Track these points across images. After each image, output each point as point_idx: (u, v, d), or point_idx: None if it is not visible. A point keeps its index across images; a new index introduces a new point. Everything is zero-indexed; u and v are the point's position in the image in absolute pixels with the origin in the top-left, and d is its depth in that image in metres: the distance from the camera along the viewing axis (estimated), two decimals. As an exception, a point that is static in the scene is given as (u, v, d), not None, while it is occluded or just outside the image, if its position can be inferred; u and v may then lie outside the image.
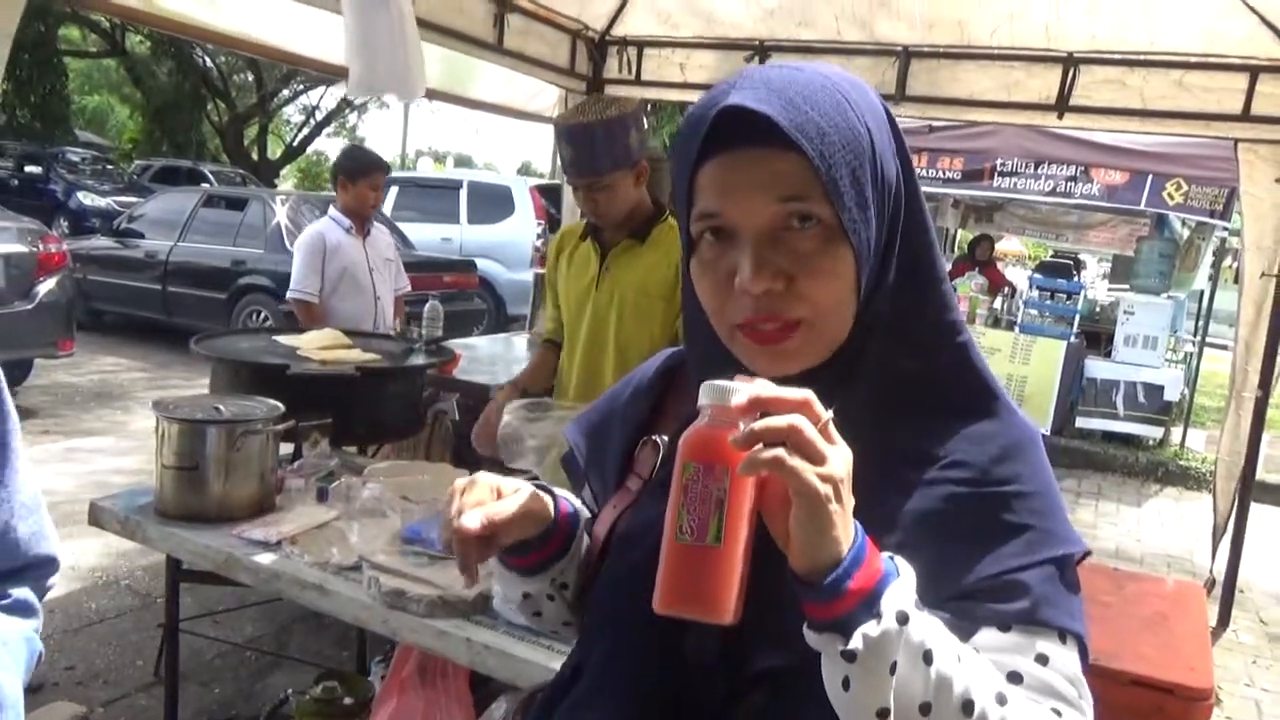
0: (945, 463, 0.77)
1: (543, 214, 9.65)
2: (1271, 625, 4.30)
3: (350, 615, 1.75)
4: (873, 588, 0.64)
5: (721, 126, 0.73)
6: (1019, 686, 0.70)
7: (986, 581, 0.73)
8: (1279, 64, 3.56)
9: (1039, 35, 3.86)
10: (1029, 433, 0.80)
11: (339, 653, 3.23)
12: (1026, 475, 0.77)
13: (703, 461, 0.67)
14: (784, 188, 0.73)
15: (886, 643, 0.63)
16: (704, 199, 0.76)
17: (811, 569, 0.64)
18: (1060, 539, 0.75)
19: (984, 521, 0.74)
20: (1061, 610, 0.73)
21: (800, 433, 0.63)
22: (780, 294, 0.74)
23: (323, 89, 21.42)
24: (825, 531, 0.63)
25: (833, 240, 0.74)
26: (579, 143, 2.26)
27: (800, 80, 0.74)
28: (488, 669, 1.59)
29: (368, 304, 3.90)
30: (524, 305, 9.75)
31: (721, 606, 0.67)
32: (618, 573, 0.86)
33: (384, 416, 2.71)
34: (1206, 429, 7.91)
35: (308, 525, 1.97)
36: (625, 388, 0.99)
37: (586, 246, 2.50)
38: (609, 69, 4.71)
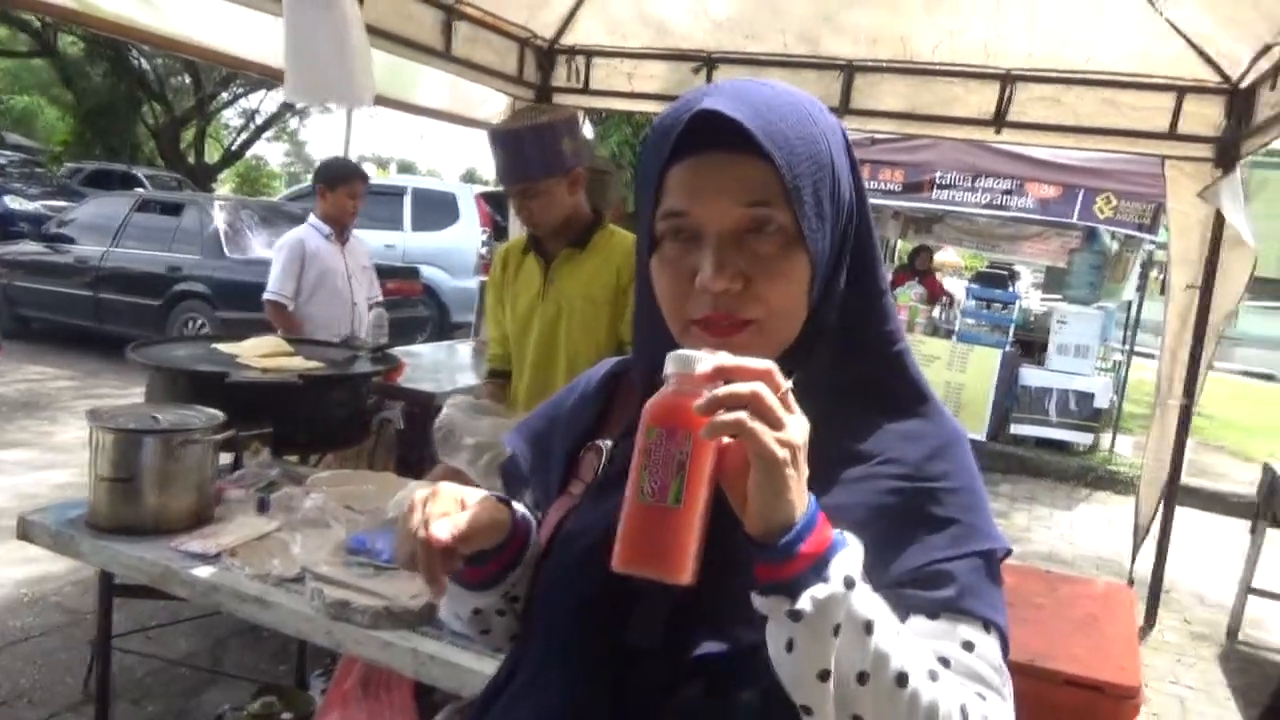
0: (879, 460, 0.81)
1: (488, 221, 9.60)
2: (1195, 624, 4.45)
3: (292, 628, 1.72)
4: (823, 552, 0.67)
5: (694, 130, 0.77)
6: (946, 669, 0.73)
7: (916, 571, 0.77)
8: (1204, 85, 3.71)
9: (978, 52, 3.97)
10: (956, 433, 0.85)
11: (276, 667, 3.16)
12: (954, 473, 0.82)
13: (666, 426, 0.69)
14: (750, 193, 0.77)
15: (832, 605, 0.66)
16: (671, 198, 0.80)
17: (766, 531, 0.67)
18: (985, 534, 0.80)
19: (914, 515, 0.79)
20: (984, 601, 0.77)
21: (761, 399, 0.66)
22: (737, 294, 0.78)
23: (263, 92, 20.99)
24: (781, 494, 0.66)
25: (791, 246, 0.78)
26: (510, 149, 2.27)
27: (769, 94, 0.79)
28: (433, 679, 1.58)
29: (345, 310, 3.93)
30: (468, 313, 9.67)
31: (679, 566, 0.69)
32: (556, 571, 0.87)
33: (327, 425, 2.66)
34: (1134, 435, 8.16)
35: (248, 536, 1.93)
36: (570, 394, 1.00)
37: (530, 260, 2.50)
38: (557, 77, 4.72)
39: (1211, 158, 3.76)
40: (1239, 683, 3.84)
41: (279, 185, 29.26)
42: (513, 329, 2.54)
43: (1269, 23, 2.97)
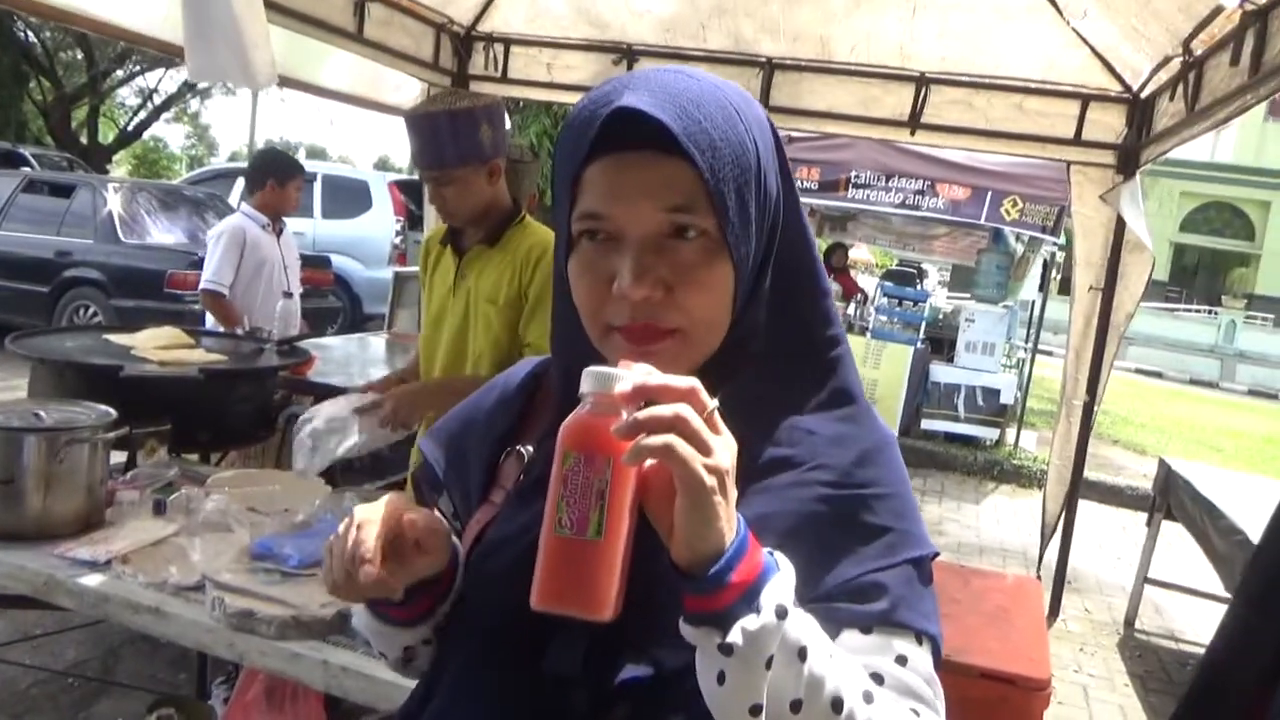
0: (808, 466, 0.78)
1: (402, 210, 9.39)
2: (1096, 613, 4.62)
3: (191, 640, 1.62)
4: (754, 581, 0.64)
5: (612, 126, 0.71)
6: (880, 687, 0.71)
7: (848, 583, 0.74)
8: (1107, 94, 3.84)
9: (894, 54, 4.02)
10: (886, 436, 0.83)
11: (175, 675, 3.01)
12: (884, 478, 0.79)
13: (583, 451, 0.65)
14: (671, 197, 0.72)
15: (765, 637, 0.63)
16: (588, 199, 0.75)
17: (694, 560, 0.63)
18: (916, 540, 0.78)
19: (844, 524, 0.76)
20: (918, 612, 0.75)
21: (686, 422, 0.62)
22: (659, 302, 0.74)
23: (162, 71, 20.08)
24: (710, 523, 0.62)
25: (714, 253, 0.74)
26: (425, 133, 2.18)
27: (694, 89, 0.73)
28: (345, 692, 1.50)
29: (281, 301, 3.84)
30: (381, 304, 9.41)
31: (601, 602, 0.65)
32: (476, 587, 0.82)
33: (230, 422, 2.53)
34: (1037, 430, 8.47)
35: (142, 542, 1.81)
36: (486, 396, 0.95)
37: (446, 253, 2.41)
38: (475, 65, 4.61)
39: (1114, 164, 3.90)
40: (1137, 669, 4.00)
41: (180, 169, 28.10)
42: (426, 324, 2.45)
43: (1170, 36, 3.07)
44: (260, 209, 4.01)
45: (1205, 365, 19.73)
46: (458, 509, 0.91)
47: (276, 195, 3.99)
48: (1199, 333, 20.53)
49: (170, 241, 7.75)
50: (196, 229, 7.96)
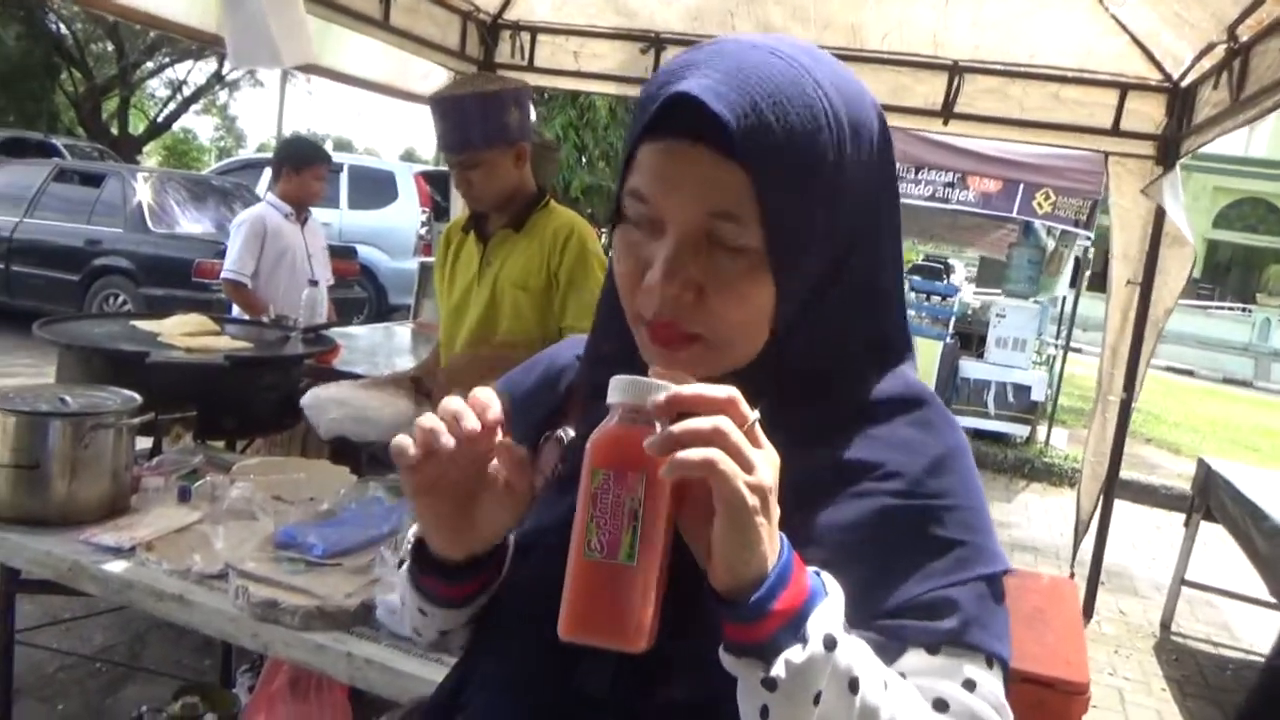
0: (877, 474, 0.72)
1: (428, 201, 9.38)
2: (1130, 615, 4.53)
3: (215, 629, 1.60)
4: (799, 608, 0.59)
5: (671, 108, 0.66)
6: (944, 714, 0.67)
7: (916, 600, 0.68)
8: (1147, 82, 3.74)
9: (927, 43, 3.95)
10: (959, 442, 0.77)
11: (200, 662, 3.01)
12: (956, 488, 0.73)
13: (614, 468, 0.60)
14: (717, 201, 0.66)
15: (812, 670, 0.58)
16: (637, 178, 0.70)
17: (734, 586, 0.59)
18: (989, 556, 0.72)
19: (913, 536, 0.70)
20: (990, 633, 0.70)
21: (726, 436, 0.57)
22: (687, 304, 0.68)
23: (190, 62, 20.20)
24: (752, 546, 0.58)
25: (755, 266, 0.68)
26: (451, 116, 2.16)
27: (778, 76, 0.65)
28: (369, 685, 1.47)
29: (305, 289, 3.85)
30: (406, 295, 9.43)
31: (634, 631, 0.60)
32: (512, 583, 0.78)
33: (256, 409, 2.52)
34: (1068, 428, 8.35)
35: (166, 529, 1.80)
36: (527, 375, 0.90)
37: (469, 240, 2.38)
38: (501, 53, 4.58)
39: (1153, 155, 3.81)
40: (1174, 674, 3.92)
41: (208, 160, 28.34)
42: (447, 312, 2.43)
43: (1215, 22, 2.98)
44: (283, 198, 4.02)
45: (1239, 364, 19.41)
46: None
47: (294, 183, 3.99)
48: (1232, 330, 20.21)
49: (198, 231, 7.79)
50: (224, 219, 8.00)
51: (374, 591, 1.57)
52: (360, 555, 1.69)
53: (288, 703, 1.92)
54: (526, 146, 2.24)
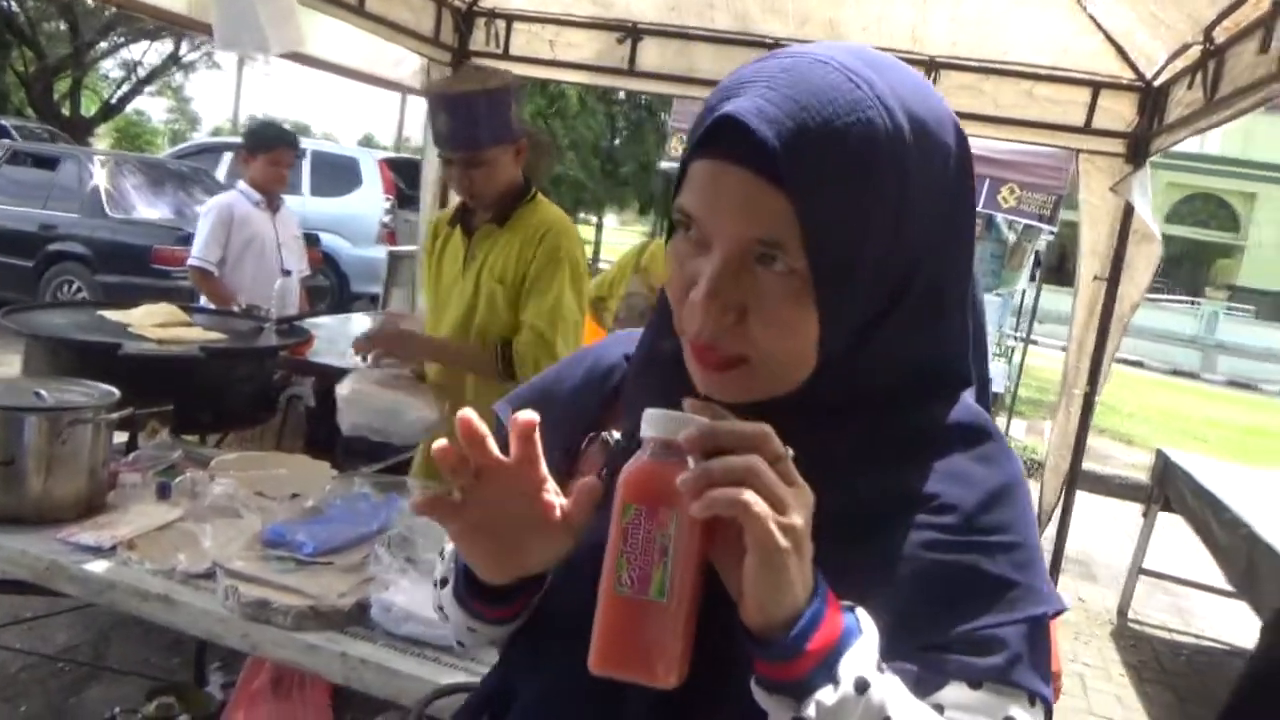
0: (932, 506, 0.70)
1: (392, 189, 9.26)
2: (1089, 603, 4.64)
3: (202, 629, 1.56)
4: (832, 648, 0.59)
5: (723, 127, 0.64)
6: None
7: (962, 635, 0.67)
8: (1119, 81, 3.80)
9: (905, 38, 3.96)
10: (1016, 476, 0.75)
11: (167, 661, 2.95)
12: (1013, 524, 0.71)
13: (646, 503, 0.59)
14: (763, 227, 0.64)
15: (843, 712, 0.58)
16: (686, 195, 0.68)
17: (766, 625, 0.58)
18: (1041, 597, 0.70)
19: (966, 572, 0.69)
20: (1034, 673, 0.69)
21: (759, 475, 0.57)
22: (728, 326, 0.67)
23: (146, 43, 19.72)
24: (783, 586, 0.57)
25: (799, 293, 0.65)
26: (458, 113, 2.10)
27: (842, 99, 0.62)
28: (365, 685, 1.45)
29: (274, 282, 3.73)
30: (369, 283, 9.32)
31: (664, 669, 0.60)
32: (556, 599, 0.77)
33: (232, 402, 2.46)
34: (1026, 419, 8.49)
35: (147, 527, 1.75)
36: (572, 371, 0.88)
37: (455, 233, 2.35)
38: (475, 41, 4.52)
39: (1123, 153, 3.86)
40: (1132, 659, 4.02)
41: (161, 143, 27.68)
42: (431, 305, 2.40)
43: (1191, 22, 3.03)
44: (252, 185, 3.93)
45: (1186, 356, 19.92)
46: None
47: (256, 169, 3.90)
48: (1181, 323, 20.71)
49: (156, 217, 7.61)
50: (182, 204, 7.83)
51: (368, 590, 1.54)
52: (351, 553, 1.66)
53: (269, 701, 1.89)
54: (526, 143, 2.22)
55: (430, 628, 1.49)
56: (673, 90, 4.62)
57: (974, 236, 0.73)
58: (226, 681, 2.67)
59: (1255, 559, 2.92)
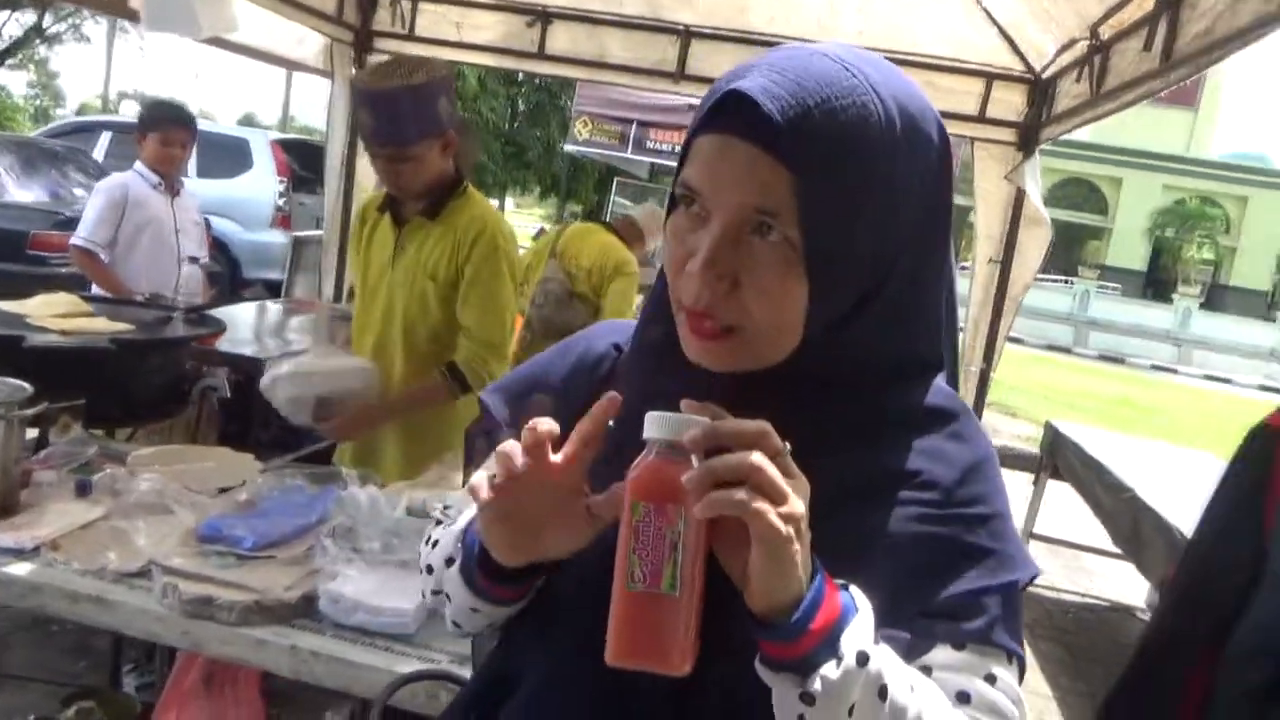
0: (915, 483, 0.76)
1: (286, 171, 8.94)
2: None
3: (140, 629, 1.51)
4: (833, 625, 0.63)
5: (728, 104, 0.68)
6: (967, 706, 0.71)
7: (946, 601, 0.73)
8: (1011, 73, 4.00)
9: (813, 28, 4.06)
10: (988, 452, 0.81)
11: (73, 664, 2.83)
12: (988, 497, 0.77)
13: (654, 501, 0.63)
14: (761, 197, 0.68)
15: (847, 684, 0.62)
16: (690, 169, 0.72)
17: (771, 609, 0.62)
18: (1017, 564, 0.76)
19: (949, 544, 0.74)
20: (1011, 634, 0.75)
21: (761, 471, 0.61)
22: (722, 295, 0.71)
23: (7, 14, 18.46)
24: (787, 574, 0.62)
25: (790, 263, 0.70)
26: (382, 109, 2.07)
27: (840, 84, 0.67)
28: (316, 678, 1.43)
29: (171, 268, 3.57)
30: (263, 268, 8.99)
31: (677, 657, 0.64)
32: (562, 583, 0.79)
33: (143, 395, 2.37)
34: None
35: (70, 526, 1.68)
36: (562, 359, 0.91)
37: (384, 222, 2.31)
38: (379, 20, 4.43)
39: (1015, 141, 4.07)
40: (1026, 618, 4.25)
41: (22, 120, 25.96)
42: (361, 292, 2.37)
43: (1079, 19, 3.21)
44: (149, 166, 3.73)
45: (1061, 332, 21.04)
46: None
47: (146, 149, 3.71)
48: (1056, 301, 21.84)
49: (30, 200, 7.16)
50: (58, 186, 7.39)
51: (315, 582, 1.52)
52: (293, 546, 1.64)
53: (201, 699, 1.85)
54: (454, 135, 2.19)
55: (379, 617, 1.48)
56: (583, 74, 4.61)
57: (950, 230, 0.78)
58: (141, 683, 2.59)
59: (1139, 521, 3.15)
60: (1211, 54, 2.35)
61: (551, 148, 13.62)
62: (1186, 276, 25.22)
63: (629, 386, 0.82)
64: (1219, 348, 20.82)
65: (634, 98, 7.38)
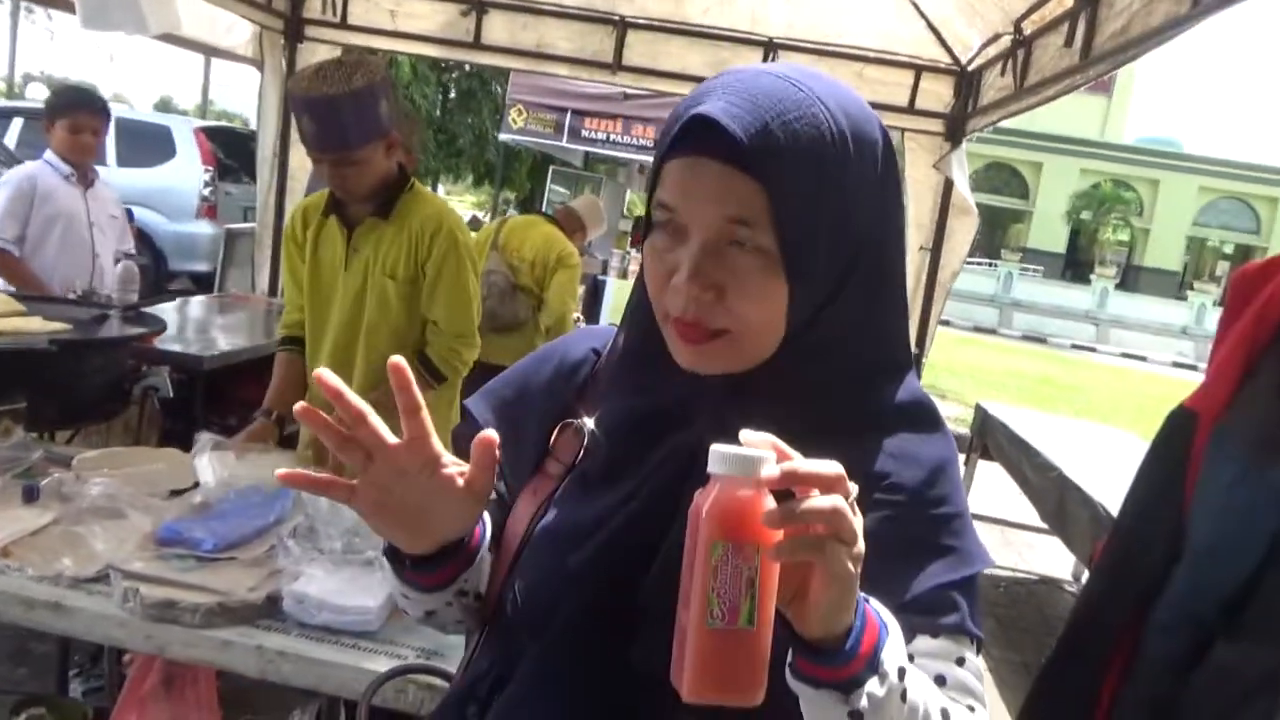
0: (884, 485, 0.80)
1: (211, 159, 8.71)
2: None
3: (100, 634, 1.51)
4: (875, 645, 0.67)
5: (693, 129, 0.73)
6: (944, 688, 0.77)
7: (921, 596, 0.78)
8: (938, 65, 4.12)
9: (745, 19, 4.14)
10: (951, 453, 0.86)
11: (14, 672, 2.77)
12: (951, 497, 0.83)
13: (733, 540, 0.64)
14: (735, 208, 0.74)
15: (889, 700, 0.67)
16: (664, 190, 0.77)
17: (827, 637, 0.66)
18: (976, 558, 0.82)
19: (919, 543, 0.80)
20: (975, 621, 0.82)
21: (842, 516, 0.62)
22: (709, 303, 0.76)
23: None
24: (849, 606, 0.65)
25: (769, 268, 0.75)
26: (323, 116, 2.07)
27: (790, 100, 0.73)
28: (283, 677, 1.45)
29: (84, 263, 3.43)
30: (189, 260, 8.77)
31: (756, 689, 0.65)
32: (549, 573, 0.83)
33: (84, 396, 2.32)
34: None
35: (20, 532, 1.65)
36: (542, 365, 0.95)
37: (331, 224, 2.31)
38: (310, 8, 4.36)
39: (942, 132, 4.20)
40: (960, 595, 4.43)
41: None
42: (312, 298, 2.36)
43: (1003, 14, 3.33)
44: (60, 156, 3.49)
45: (985, 313, 21.64)
46: (505, 472, 0.92)
47: (55, 137, 3.46)
48: (981, 284, 22.44)
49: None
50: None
51: (278, 582, 1.54)
52: (253, 547, 1.64)
53: (161, 701, 1.84)
54: (397, 136, 2.21)
55: (344, 615, 1.50)
56: (521, 65, 4.61)
57: (904, 225, 0.83)
58: (88, 688, 2.55)
59: (1065, 498, 3.30)
60: (1127, 51, 2.48)
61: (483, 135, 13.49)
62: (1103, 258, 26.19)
63: (611, 390, 0.86)
64: (1134, 326, 21.68)
65: (568, 86, 7.38)
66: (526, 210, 8.32)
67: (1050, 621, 4.27)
